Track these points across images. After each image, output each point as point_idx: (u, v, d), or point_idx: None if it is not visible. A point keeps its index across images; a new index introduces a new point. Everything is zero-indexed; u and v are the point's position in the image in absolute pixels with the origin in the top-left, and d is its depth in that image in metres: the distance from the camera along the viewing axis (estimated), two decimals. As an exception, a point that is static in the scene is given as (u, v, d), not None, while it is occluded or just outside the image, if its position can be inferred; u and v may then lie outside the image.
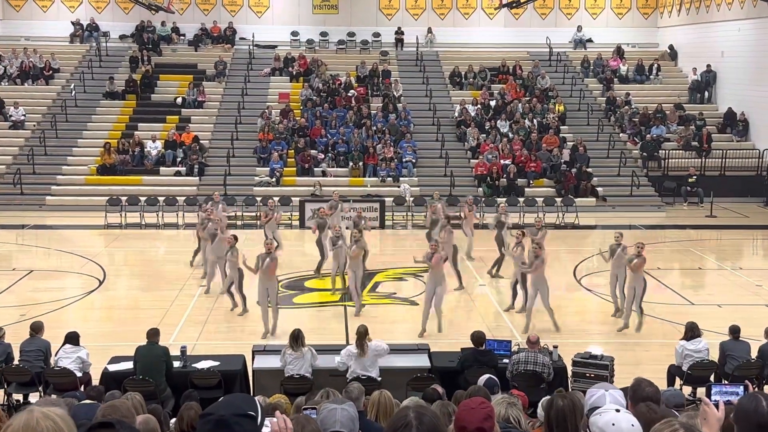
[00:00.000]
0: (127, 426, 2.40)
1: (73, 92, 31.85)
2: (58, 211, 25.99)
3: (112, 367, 11.57)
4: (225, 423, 2.68)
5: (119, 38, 35.62)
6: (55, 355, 11.82)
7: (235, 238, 16.31)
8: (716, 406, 3.72)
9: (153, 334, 11.62)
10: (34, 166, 28.13)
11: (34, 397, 11.54)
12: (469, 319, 15.95)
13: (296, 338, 11.46)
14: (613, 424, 3.48)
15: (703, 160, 29.66)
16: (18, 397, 11.67)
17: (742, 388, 3.95)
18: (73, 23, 35.70)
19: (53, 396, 11.12)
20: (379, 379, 11.22)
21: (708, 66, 33.06)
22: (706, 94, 33.42)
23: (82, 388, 11.16)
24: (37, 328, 12.29)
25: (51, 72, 33.20)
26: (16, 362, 11.86)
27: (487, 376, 9.30)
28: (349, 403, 4.17)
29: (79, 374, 11.54)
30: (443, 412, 6.07)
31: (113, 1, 35.75)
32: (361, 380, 10.81)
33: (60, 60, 33.86)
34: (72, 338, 11.99)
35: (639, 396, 5.92)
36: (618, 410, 3.61)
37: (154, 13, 34.47)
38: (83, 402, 6.73)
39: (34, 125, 30.49)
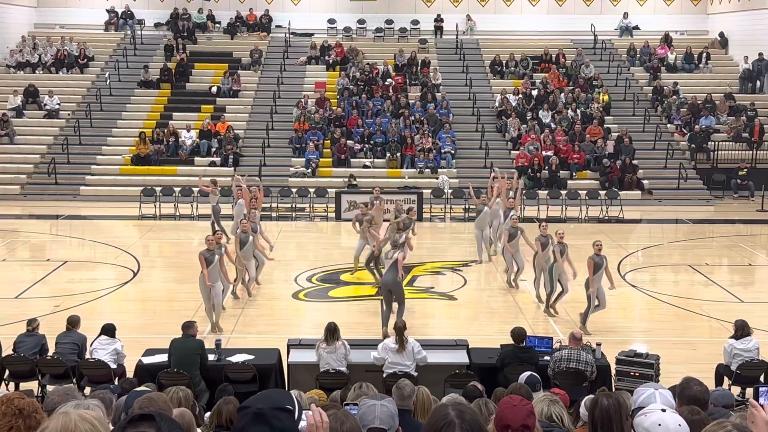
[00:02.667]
0: (167, 418, 2.44)
1: (108, 81, 32.22)
2: (92, 201, 26.36)
3: (147, 360, 11.70)
4: (263, 416, 2.72)
5: (154, 26, 35.96)
6: (90, 346, 12.00)
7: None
8: (764, 408, 3.68)
9: (188, 326, 11.72)
10: (68, 156, 28.54)
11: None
12: (510, 315, 15.89)
13: (332, 332, 11.49)
14: (660, 425, 3.45)
15: (755, 152, 29.25)
16: (52, 389, 11.83)
17: (792, 390, 3.89)
18: (107, 11, 36.09)
19: (87, 389, 11.30)
20: (416, 374, 11.23)
21: (760, 54, 32.55)
22: (758, 83, 32.92)
23: (116, 381, 11.32)
24: (73, 322, 12.50)
25: (85, 60, 33.63)
26: (50, 354, 12.06)
27: (528, 373, 9.28)
28: (389, 399, 4.18)
29: (113, 366, 11.70)
30: (483, 410, 6.06)
31: (148, -12, 36.11)
32: (398, 376, 10.84)
33: (94, 48, 34.30)
34: (108, 330, 12.17)
35: (687, 395, 5.87)
36: (664, 410, 3.58)
37: (189, 1, 34.77)
38: (136, 390, 6.83)
39: (69, 114, 30.92)
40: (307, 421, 2.92)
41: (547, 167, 27.88)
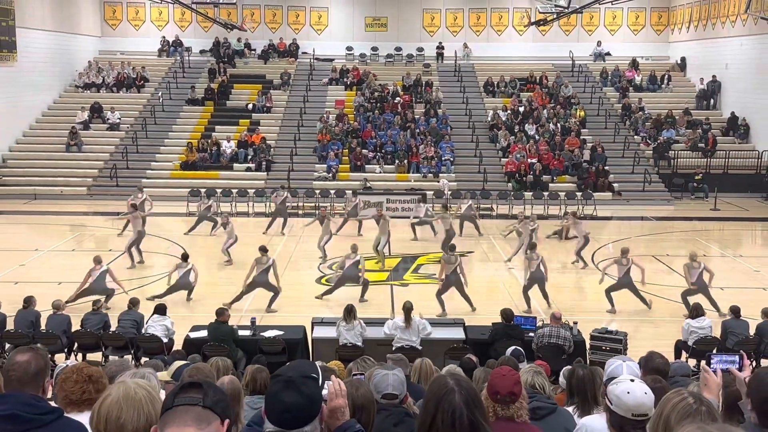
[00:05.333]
0: (212, 386, 2.44)
1: (161, 99, 32.31)
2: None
3: (193, 335, 11.76)
4: (293, 383, 2.72)
5: (200, 52, 36.03)
6: (146, 323, 12.05)
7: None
8: (715, 373, 3.67)
9: (220, 313, 11.61)
10: (127, 162, 28.63)
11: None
12: (499, 297, 15.86)
13: (349, 312, 11.53)
14: (628, 392, 3.44)
15: (709, 159, 29.11)
16: (114, 359, 11.89)
17: (738, 357, 3.87)
18: (161, 40, 36.21)
19: (144, 359, 11.34)
20: (420, 348, 11.23)
21: (714, 76, 32.39)
22: (712, 101, 32.75)
23: (167, 353, 11.36)
24: (134, 302, 12.60)
25: (142, 82, 33.72)
26: (113, 329, 12.13)
27: (513, 347, 9.27)
28: (399, 369, 4.19)
29: (165, 340, 11.75)
30: (485, 378, 6.07)
31: (195, 20, 36.15)
32: (405, 349, 10.86)
33: (149, 71, 34.37)
34: (159, 309, 12.26)
35: (651, 366, 5.88)
36: (633, 380, 3.58)
37: (230, 31, 34.82)
38: (182, 362, 6.86)
39: (128, 127, 30.99)
40: (328, 388, 2.93)
41: (531, 172, 27.81)
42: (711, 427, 2.31)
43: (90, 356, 11.88)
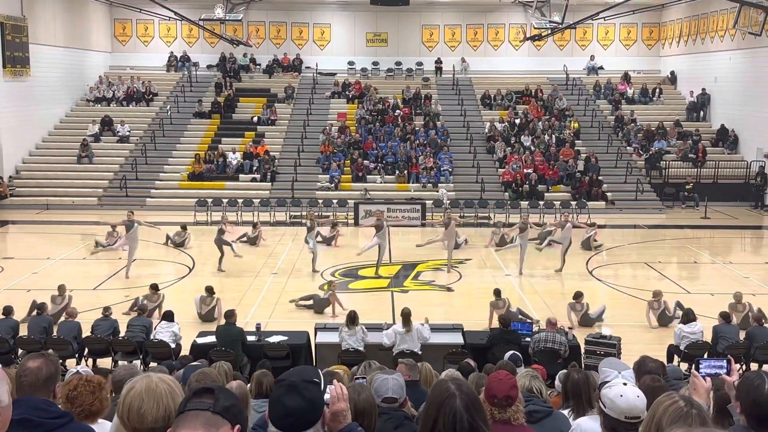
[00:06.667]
0: (224, 390, 2.47)
1: (169, 112, 32.36)
2: (156, 210, 26.38)
3: (200, 340, 11.75)
4: (296, 387, 2.73)
5: (206, 67, 36.12)
6: (155, 329, 12.04)
7: None
8: (704, 378, 3.67)
9: (229, 315, 11.69)
10: (136, 173, 28.66)
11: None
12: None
13: (352, 319, 11.51)
14: (621, 396, 3.44)
15: (699, 169, 29.12)
16: (123, 364, 11.86)
17: (725, 362, 3.87)
18: (169, 55, 36.29)
19: (153, 364, 11.31)
20: (420, 353, 11.21)
21: (703, 89, 32.44)
22: (702, 113, 32.79)
23: (175, 358, 11.34)
24: (143, 309, 12.60)
25: (151, 95, 33.79)
26: (122, 335, 12.11)
27: (511, 352, 9.25)
28: (398, 374, 4.19)
29: (173, 346, 11.74)
30: (478, 383, 6.04)
31: (202, 36, 36.28)
32: (406, 354, 10.83)
33: (158, 85, 34.45)
34: (167, 315, 12.26)
35: (644, 370, 5.87)
36: (625, 383, 3.57)
37: (236, 47, 34.94)
38: (191, 364, 6.87)
39: (137, 139, 31.05)
40: (330, 392, 2.93)
41: (527, 182, 27.82)
42: (700, 430, 2.30)
43: (100, 361, 11.86)
